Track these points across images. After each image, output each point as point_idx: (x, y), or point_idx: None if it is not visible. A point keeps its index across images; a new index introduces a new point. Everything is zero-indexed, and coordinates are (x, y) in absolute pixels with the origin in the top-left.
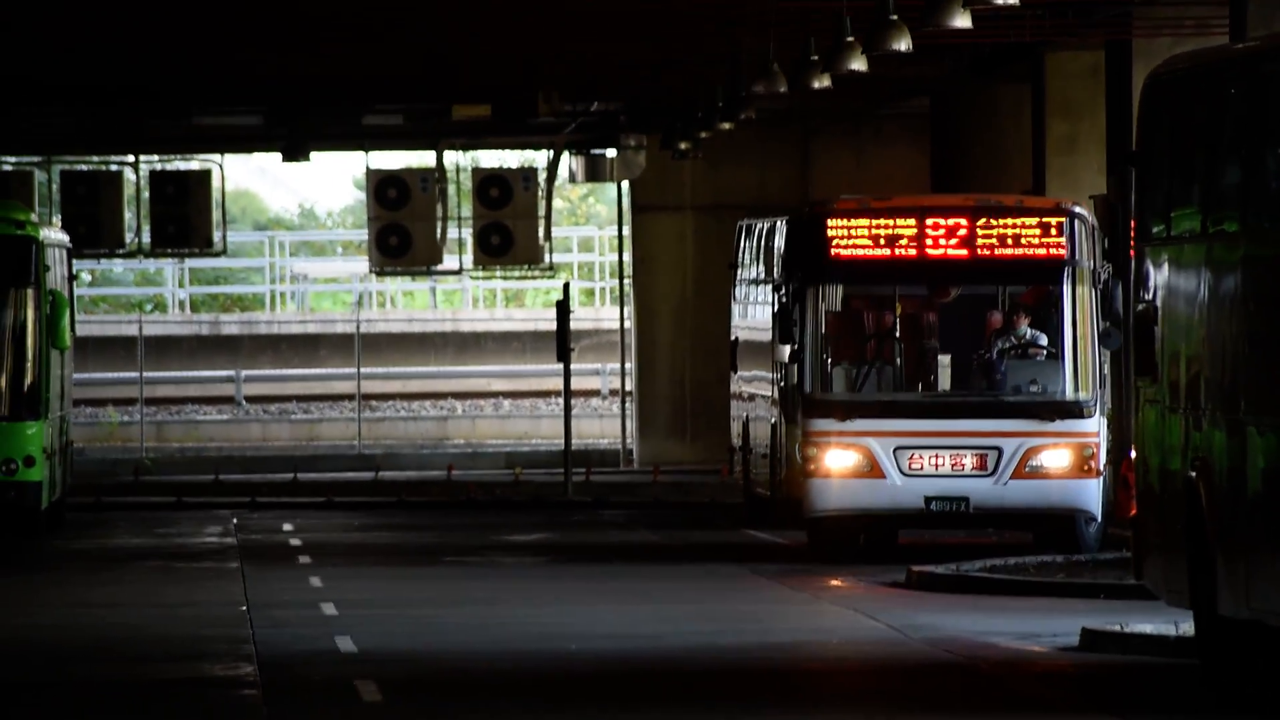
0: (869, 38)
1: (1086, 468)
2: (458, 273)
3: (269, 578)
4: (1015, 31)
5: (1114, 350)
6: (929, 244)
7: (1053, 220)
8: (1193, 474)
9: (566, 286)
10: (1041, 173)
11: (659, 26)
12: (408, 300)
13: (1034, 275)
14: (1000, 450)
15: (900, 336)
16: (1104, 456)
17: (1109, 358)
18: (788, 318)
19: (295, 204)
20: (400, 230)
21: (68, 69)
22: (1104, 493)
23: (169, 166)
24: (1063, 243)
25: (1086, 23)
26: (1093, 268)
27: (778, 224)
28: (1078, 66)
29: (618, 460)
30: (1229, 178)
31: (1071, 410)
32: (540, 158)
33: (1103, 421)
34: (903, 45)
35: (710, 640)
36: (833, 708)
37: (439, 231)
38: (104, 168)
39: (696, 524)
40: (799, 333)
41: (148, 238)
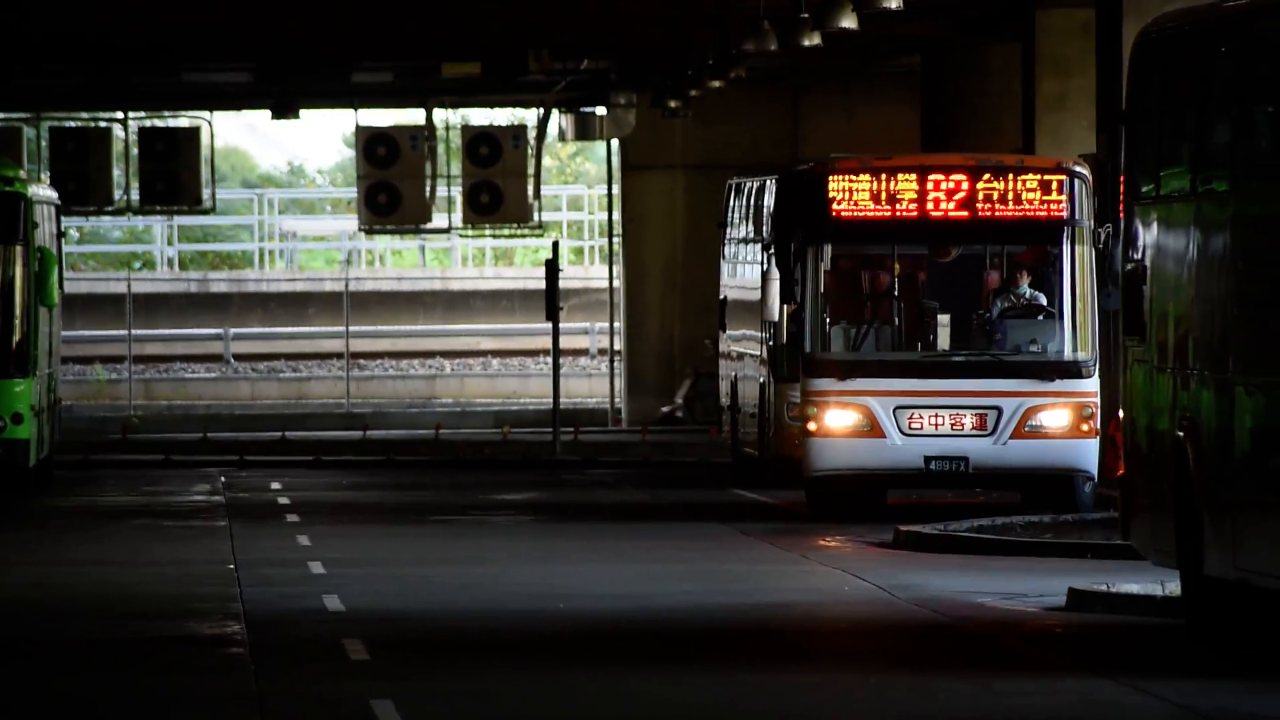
0: None
1: (1085, 427)
2: (447, 231)
3: (257, 536)
4: None
5: (1115, 310)
6: (930, 203)
7: (1054, 179)
8: (1180, 434)
9: (556, 245)
10: (1032, 131)
11: None
12: (397, 258)
13: (1035, 235)
14: (1000, 410)
15: (900, 296)
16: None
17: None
18: (788, 276)
19: (284, 161)
20: (389, 188)
21: (57, 25)
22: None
23: (158, 123)
24: (1064, 202)
25: None
26: (1093, 227)
27: (767, 183)
28: (1068, 24)
29: (606, 419)
30: (1219, 136)
31: (1071, 370)
32: (530, 116)
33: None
34: (894, 3)
35: (698, 599)
36: (821, 667)
37: (428, 190)
38: (93, 124)
39: (684, 483)
40: (799, 292)
41: (136, 195)
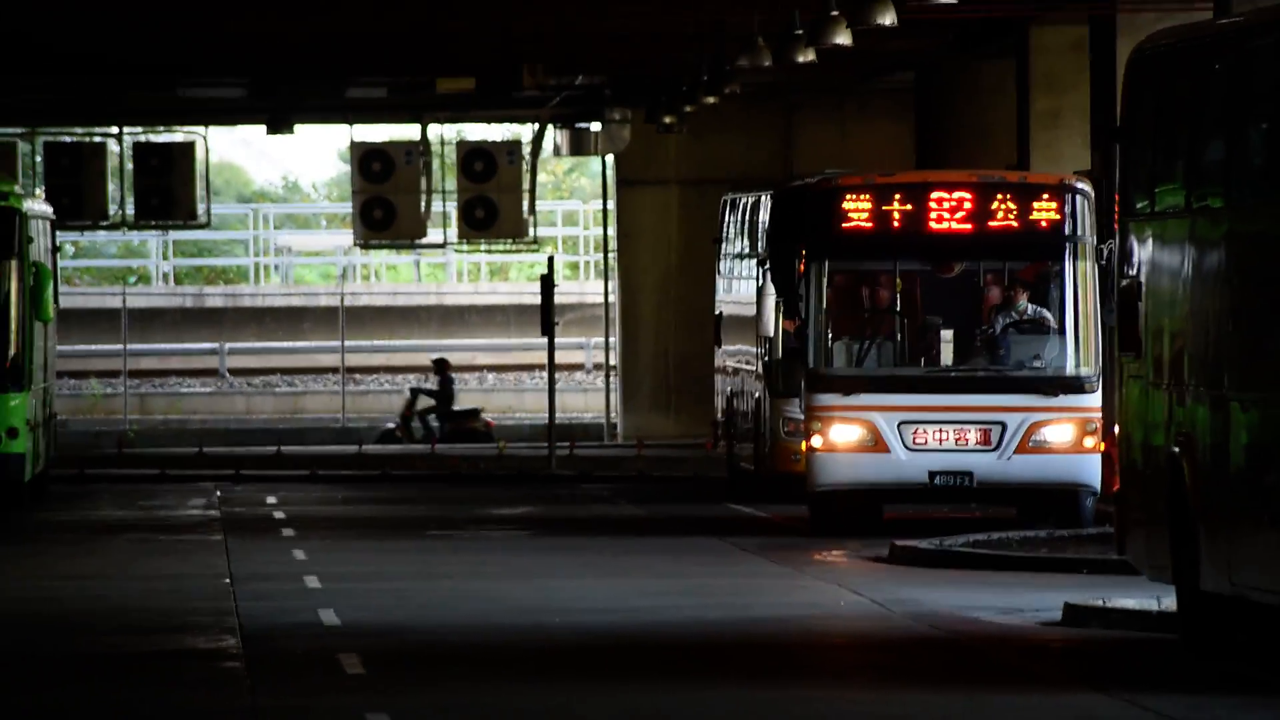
0: (853, 12)
1: (1089, 442)
2: (442, 246)
3: (252, 550)
4: (1000, 6)
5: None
6: (933, 219)
7: (1056, 196)
8: (1176, 449)
9: (551, 260)
10: (1026, 148)
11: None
12: (392, 273)
13: (1038, 250)
14: (1004, 425)
15: (903, 311)
16: None
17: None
18: (791, 292)
19: (279, 176)
20: (384, 203)
21: (52, 38)
22: None
23: (153, 138)
24: (1066, 218)
25: None
26: (1095, 243)
27: (763, 199)
28: (1062, 41)
29: (602, 434)
30: (1213, 153)
31: (1074, 385)
32: (525, 131)
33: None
34: (887, 19)
35: (693, 614)
36: (816, 682)
37: (423, 205)
38: (88, 139)
39: (680, 498)
40: (803, 308)
41: (131, 210)
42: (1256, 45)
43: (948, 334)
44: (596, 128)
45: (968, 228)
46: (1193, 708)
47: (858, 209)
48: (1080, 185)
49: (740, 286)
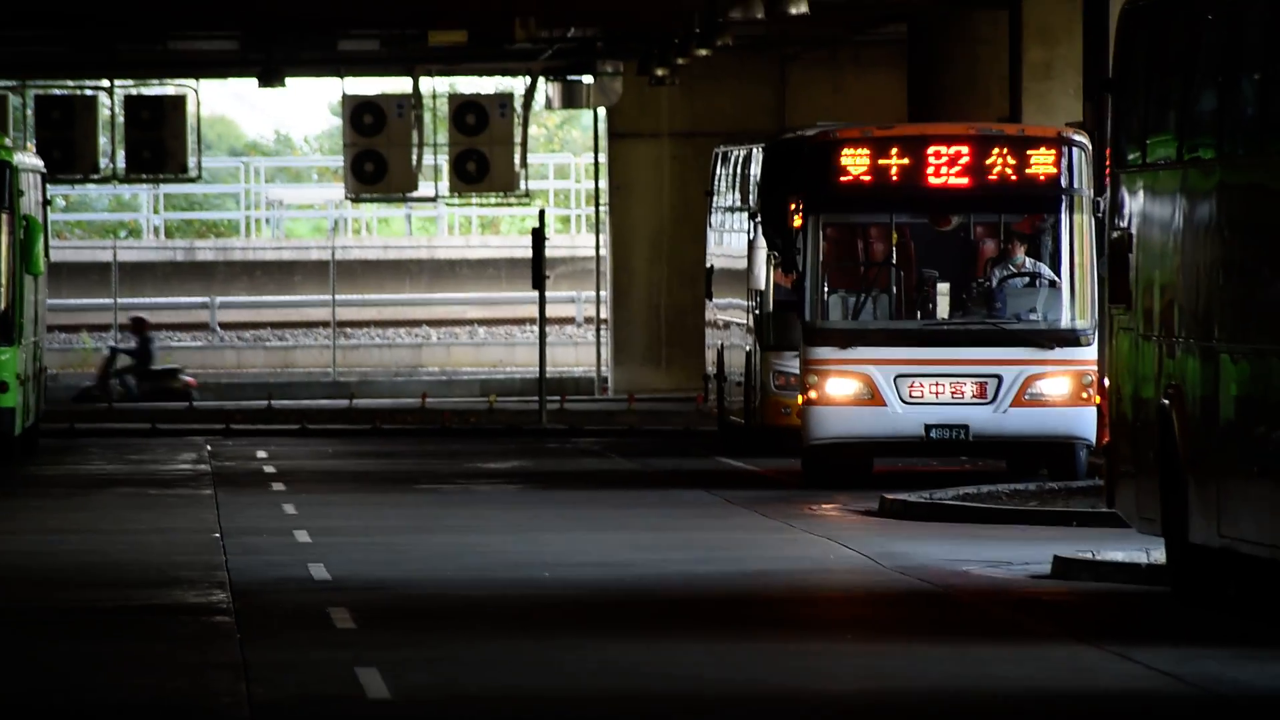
0: None
1: (1085, 395)
2: (433, 199)
3: (243, 504)
4: None
5: None
6: (931, 172)
7: (1054, 149)
8: (1165, 402)
9: (542, 214)
10: (1018, 99)
11: None
12: (383, 227)
13: (1035, 203)
14: (1000, 378)
15: (899, 265)
16: None
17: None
18: (788, 245)
19: (271, 130)
20: (376, 157)
21: None
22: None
23: (144, 91)
24: (1064, 171)
25: None
26: (1092, 196)
27: (754, 151)
28: None
29: (592, 388)
30: (1205, 104)
31: (1070, 338)
32: (517, 84)
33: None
34: None
35: (684, 568)
36: (807, 635)
37: (415, 158)
38: (79, 92)
39: (671, 452)
40: (799, 261)
41: (122, 163)
42: None
43: (944, 287)
44: (588, 80)
45: (965, 181)
46: (1182, 660)
47: (856, 162)
48: (1078, 138)
49: (732, 240)
